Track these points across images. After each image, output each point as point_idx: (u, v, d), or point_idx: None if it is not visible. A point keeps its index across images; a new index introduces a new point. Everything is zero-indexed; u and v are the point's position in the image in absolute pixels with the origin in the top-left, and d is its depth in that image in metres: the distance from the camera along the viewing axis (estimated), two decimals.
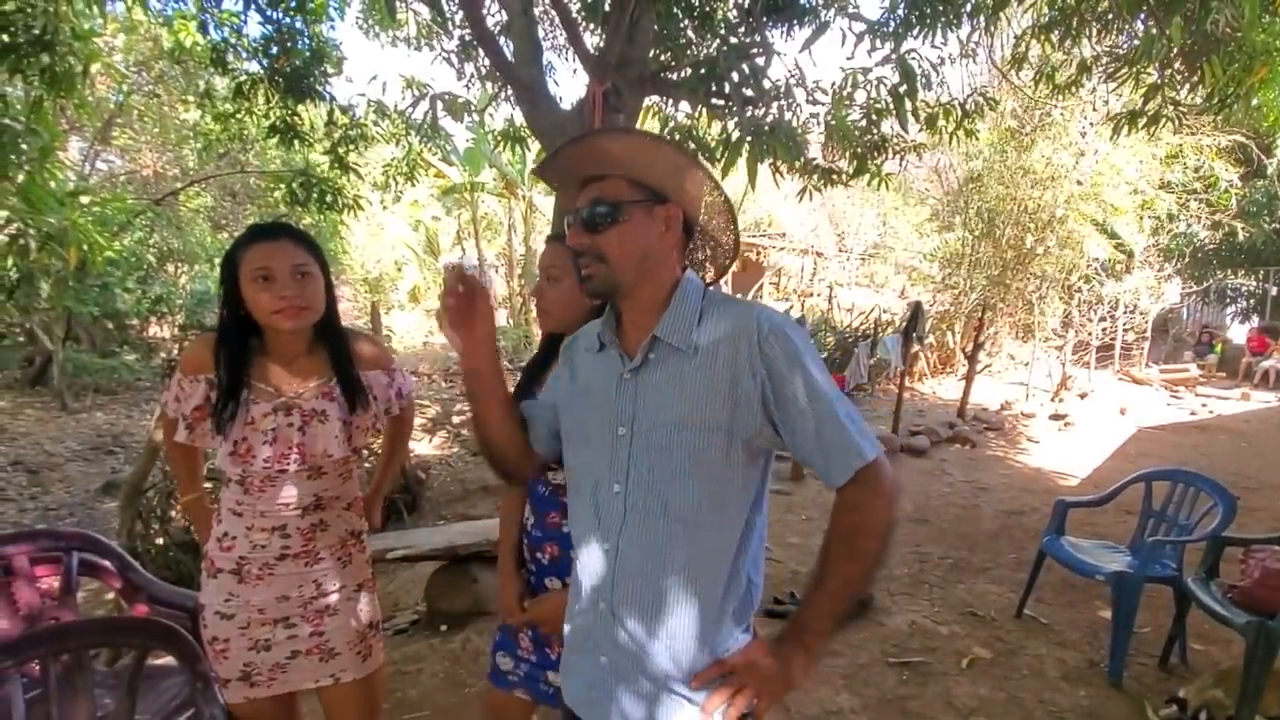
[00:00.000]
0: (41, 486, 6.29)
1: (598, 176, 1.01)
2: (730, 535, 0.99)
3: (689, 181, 1.00)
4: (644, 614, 0.99)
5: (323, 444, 1.37)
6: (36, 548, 1.82)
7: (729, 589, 0.99)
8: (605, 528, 1.01)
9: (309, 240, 1.36)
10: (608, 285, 1.01)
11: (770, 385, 0.94)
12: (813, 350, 0.97)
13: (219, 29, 5.78)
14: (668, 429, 0.97)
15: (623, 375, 1.02)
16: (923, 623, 3.01)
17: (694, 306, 1.01)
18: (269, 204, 10.31)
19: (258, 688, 1.39)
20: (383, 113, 6.62)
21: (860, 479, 0.93)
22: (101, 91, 9.39)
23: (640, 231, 0.99)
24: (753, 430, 0.96)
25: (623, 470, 0.99)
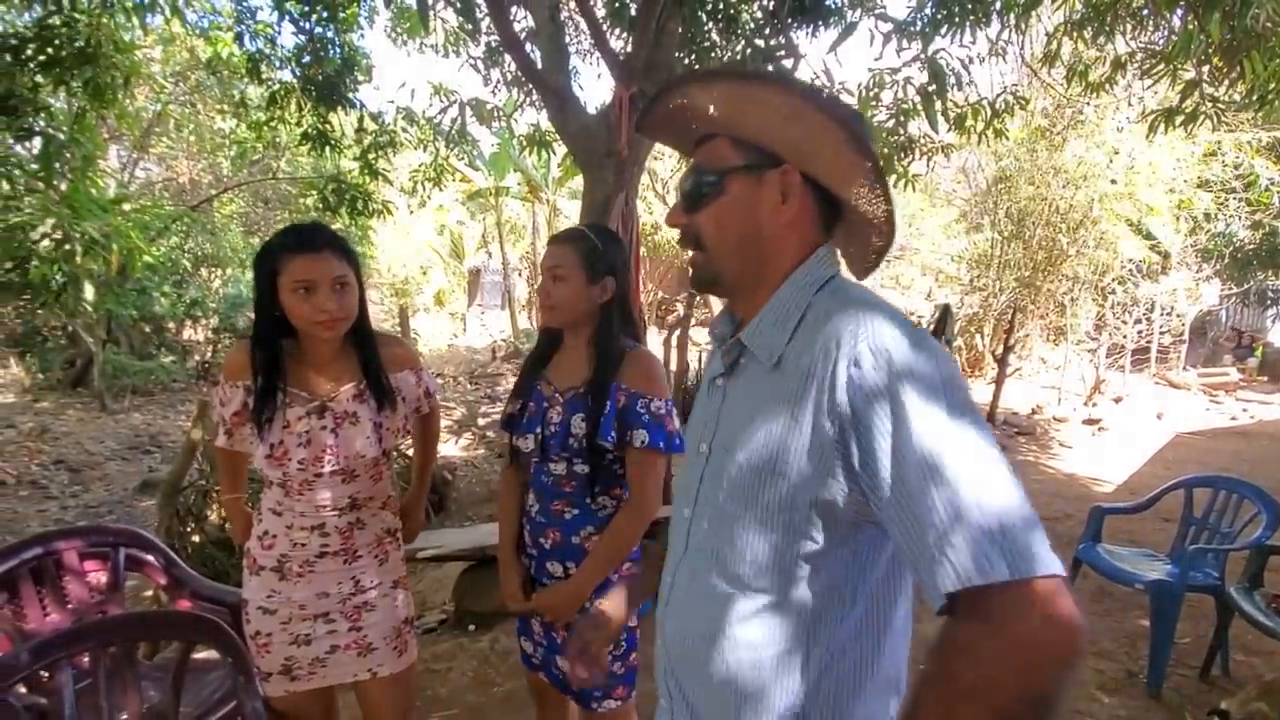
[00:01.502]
0: (83, 485, 6.48)
1: (705, 136, 0.81)
2: (792, 623, 0.72)
3: (813, 135, 0.74)
4: (689, 678, 0.81)
5: (356, 445, 1.40)
6: (86, 543, 1.88)
7: (790, 695, 0.73)
8: (672, 557, 0.86)
9: (347, 249, 1.38)
10: (708, 275, 0.82)
11: (856, 434, 0.65)
12: (945, 386, 0.64)
13: (254, 39, 5.94)
14: (734, 462, 0.75)
15: (715, 381, 0.85)
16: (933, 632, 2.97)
17: (797, 303, 0.76)
18: (300, 209, 10.52)
19: (298, 681, 1.42)
20: (411, 119, 6.72)
21: (972, 606, 0.58)
22: (140, 102, 9.67)
23: (743, 206, 0.77)
24: (831, 492, 0.68)
25: (693, 496, 0.82)
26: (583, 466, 1.38)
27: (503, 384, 11.30)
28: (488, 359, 13.37)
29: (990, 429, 0.68)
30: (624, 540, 1.37)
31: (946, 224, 12.33)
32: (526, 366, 1.52)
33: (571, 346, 1.45)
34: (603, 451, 1.36)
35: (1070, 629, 0.56)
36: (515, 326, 15.67)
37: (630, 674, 1.43)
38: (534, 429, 1.42)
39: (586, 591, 1.36)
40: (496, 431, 7.70)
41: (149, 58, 9.21)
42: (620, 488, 1.43)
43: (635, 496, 1.38)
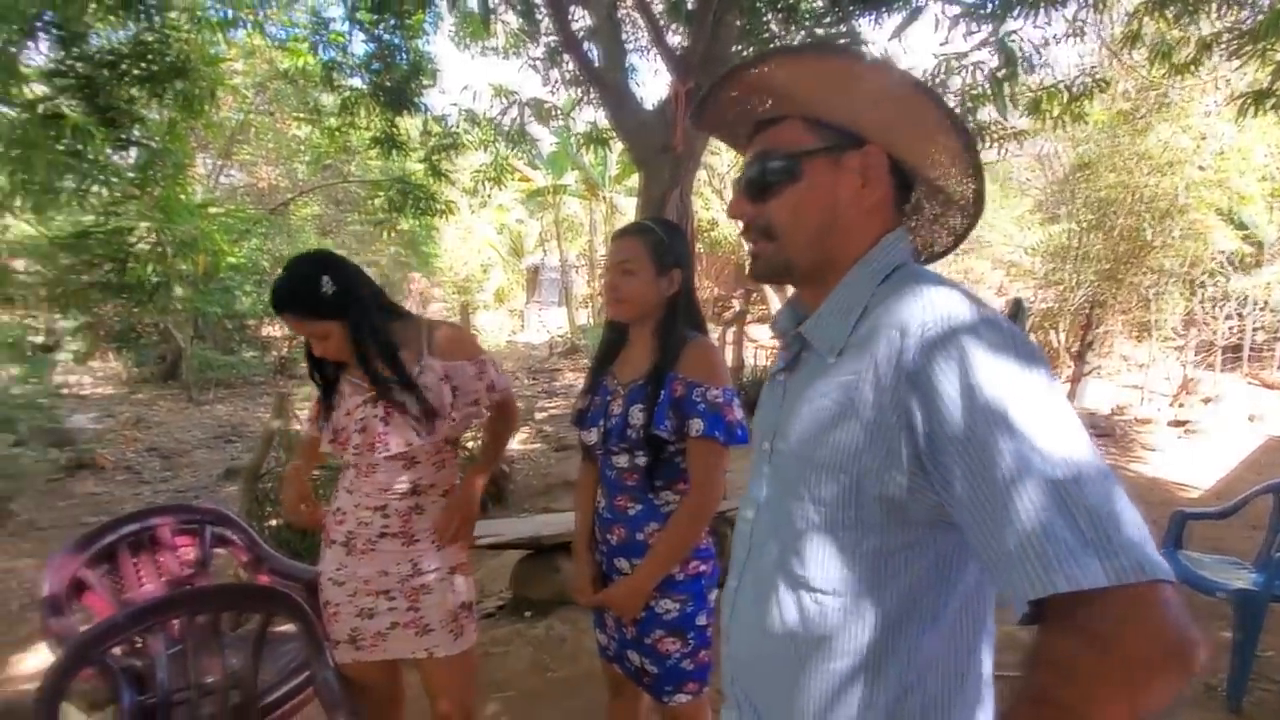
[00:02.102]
0: (172, 470, 6.96)
1: (770, 120, 0.76)
2: (869, 633, 0.66)
3: (901, 111, 0.70)
4: (754, 686, 0.78)
5: (403, 434, 1.45)
6: (177, 520, 2.03)
7: (880, 693, 0.67)
8: (736, 561, 0.81)
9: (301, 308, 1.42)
10: (777, 268, 0.76)
11: (925, 424, 0.59)
12: (1024, 375, 0.57)
13: (327, 49, 6.22)
14: (796, 459, 0.71)
15: (777, 375, 0.81)
16: (1018, 633, 2.86)
17: (862, 292, 0.71)
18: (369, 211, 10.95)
19: (362, 651, 1.50)
20: (473, 120, 6.90)
21: (1068, 615, 0.52)
22: (225, 112, 10.27)
23: (822, 191, 0.72)
24: (897, 485, 0.62)
25: (759, 492, 0.79)
26: (642, 458, 1.38)
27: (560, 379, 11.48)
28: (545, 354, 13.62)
29: (1079, 420, 0.59)
30: (684, 534, 1.35)
31: (1020, 215, 11.78)
32: (595, 362, 1.54)
33: (637, 339, 1.46)
34: (661, 442, 1.35)
35: (1182, 644, 0.49)
36: (572, 322, 15.88)
37: (702, 670, 1.42)
38: (597, 422, 1.44)
39: (648, 587, 1.36)
40: (554, 426, 7.84)
41: (232, 70, 9.76)
42: (683, 482, 1.40)
43: (694, 488, 1.36)
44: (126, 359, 10.51)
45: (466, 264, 16.44)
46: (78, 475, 6.60)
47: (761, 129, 0.77)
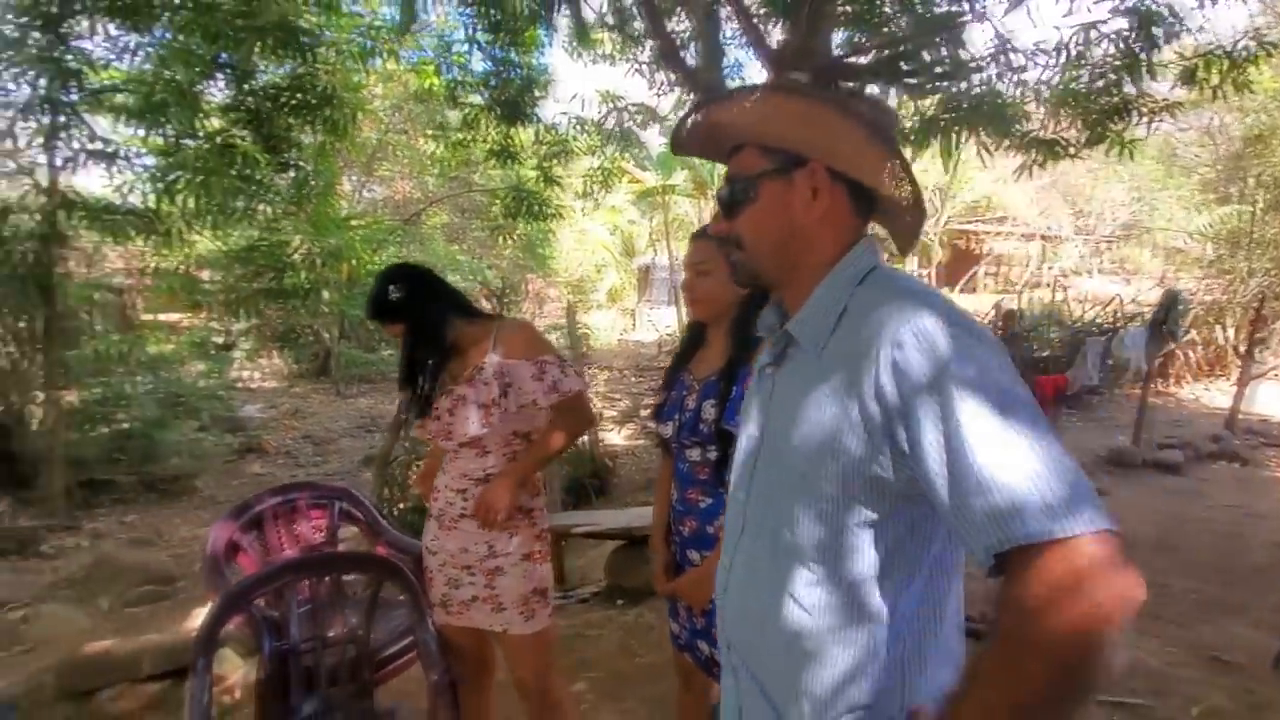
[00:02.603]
0: (323, 456, 7.79)
1: (736, 148, 0.86)
2: (860, 592, 0.74)
3: (830, 131, 0.80)
4: (751, 651, 0.85)
5: (463, 425, 1.60)
6: (312, 495, 2.33)
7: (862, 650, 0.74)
8: (729, 538, 0.90)
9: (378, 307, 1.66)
10: (750, 274, 0.87)
11: (902, 414, 0.68)
12: (989, 365, 0.67)
13: (450, 69, 6.71)
14: (786, 445, 0.79)
15: (764, 370, 0.89)
16: (1150, 662, 2.60)
17: (840, 294, 0.79)
18: (490, 217, 11.64)
19: (451, 616, 1.67)
20: (582, 126, 7.16)
21: (1025, 566, 0.59)
22: (366, 133, 11.30)
23: (778, 206, 0.81)
24: (878, 469, 0.71)
25: (748, 478, 0.86)
26: (713, 452, 1.42)
27: None
28: (654, 353, 13.81)
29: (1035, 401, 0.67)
30: None
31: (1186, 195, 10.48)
32: (674, 359, 1.62)
33: (713, 338, 1.51)
34: (732, 437, 1.36)
35: (1125, 587, 0.57)
36: (680, 321, 15.99)
37: None
38: (672, 416, 1.50)
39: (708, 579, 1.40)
40: None
41: (372, 94, 10.73)
42: None
43: None
44: (287, 357, 11.87)
45: (581, 265, 17.01)
46: (247, 457, 7.56)
47: (731, 154, 0.87)
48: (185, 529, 5.33)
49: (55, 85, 4.69)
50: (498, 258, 13.73)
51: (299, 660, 1.75)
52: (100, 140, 5.26)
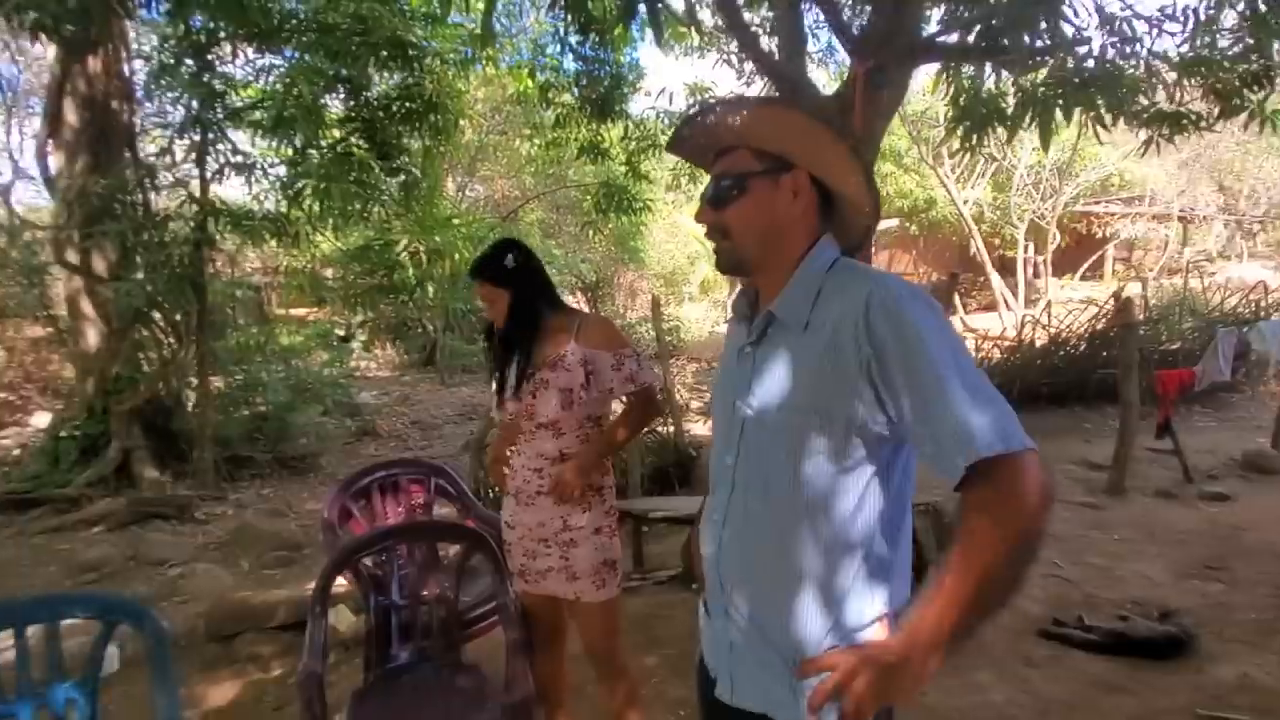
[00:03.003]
0: (428, 441, 8.35)
1: (726, 150, 0.98)
2: (844, 518, 0.91)
3: (817, 144, 0.95)
4: (747, 590, 0.98)
5: (544, 407, 1.72)
6: (413, 471, 2.58)
7: (846, 569, 0.92)
8: (718, 499, 1.02)
9: (487, 269, 1.77)
10: (733, 260, 1.00)
11: (877, 365, 0.85)
12: (939, 325, 0.86)
13: (543, 71, 6.97)
14: (775, 409, 0.93)
15: (743, 349, 1.01)
16: (1260, 678, 2.40)
17: (815, 280, 0.94)
18: (582, 213, 11.97)
19: (528, 585, 1.81)
20: (670, 120, 7.22)
21: (983, 475, 0.79)
22: (468, 135, 11.91)
23: (764, 203, 0.96)
24: (859, 414, 0.87)
25: (735, 444, 0.98)
26: None
27: None
28: None
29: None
30: None
31: None
32: None
33: None
34: None
35: (1046, 484, 0.80)
36: None
37: None
38: None
39: None
40: None
41: (473, 99, 11.29)
42: None
43: None
44: (398, 348, 12.76)
45: (673, 257, 17.10)
46: (363, 440, 8.23)
47: (719, 156, 0.99)
48: (311, 502, 5.90)
49: (204, 106, 5.30)
50: (591, 251, 14.07)
51: (399, 615, 1.97)
52: (240, 154, 5.88)
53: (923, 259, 19.12)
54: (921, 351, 0.83)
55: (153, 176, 5.85)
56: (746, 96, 1.14)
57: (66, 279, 6.09)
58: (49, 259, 6.36)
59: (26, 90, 10.20)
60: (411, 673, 1.87)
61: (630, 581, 3.36)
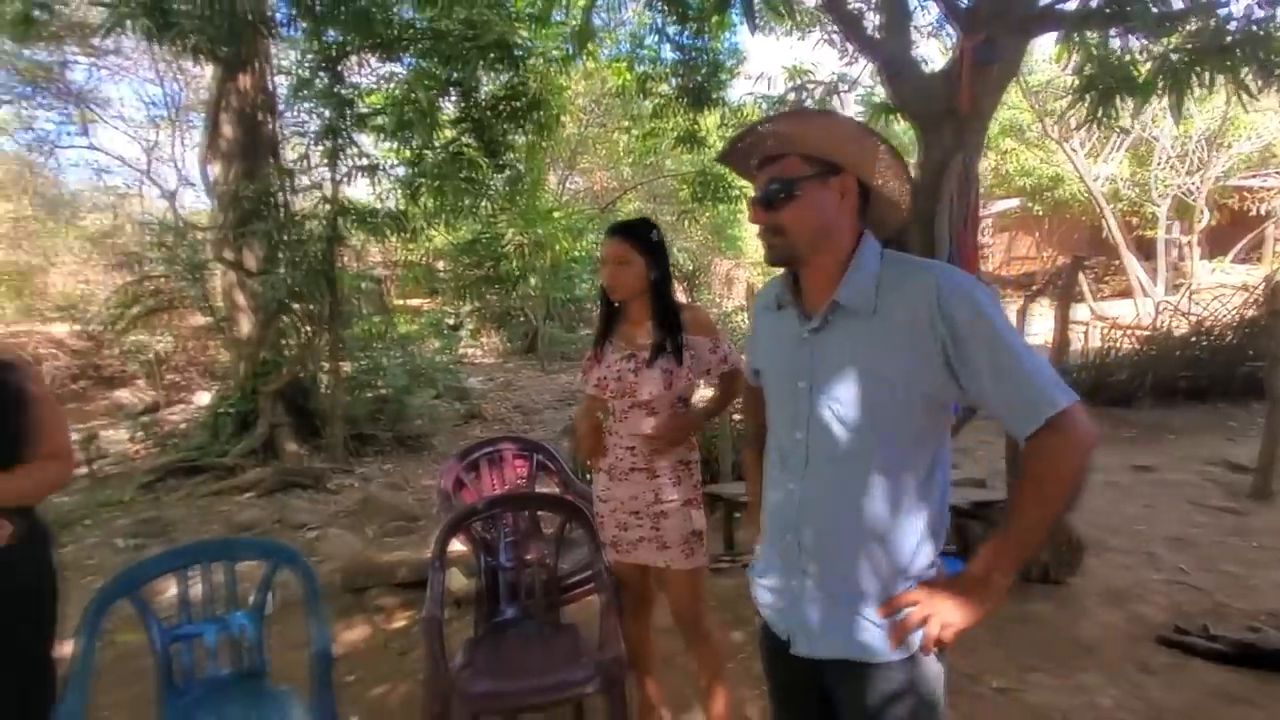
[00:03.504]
0: (529, 425, 8.75)
1: (775, 157, 1.08)
2: (909, 478, 1.05)
3: (862, 149, 1.06)
4: (827, 548, 1.09)
5: (647, 387, 1.82)
6: (516, 447, 2.79)
7: (911, 522, 1.06)
8: (790, 470, 1.12)
9: (634, 233, 1.83)
10: (786, 255, 1.10)
11: (952, 342, 0.98)
12: (996, 307, 1.01)
13: (641, 63, 7.07)
14: (846, 384, 1.05)
15: (803, 335, 1.10)
16: None
17: (872, 270, 1.06)
18: (679, 202, 12.04)
19: (620, 554, 1.93)
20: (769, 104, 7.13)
21: (1051, 426, 0.95)
22: (569, 130, 12.26)
23: (815, 204, 1.06)
24: (934, 384, 1.01)
25: (804, 420, 1.09)
26: None
27: None
28: None
29: None
30: None
31: None
32: None
33: None
34: None
35: (1092, 431, 0.97)
36: None
37: None
38: None
39: None
40: None
41: (575, 93, 11.60)
42: None
43: None
44: (502, 336, 13.40)
45: None
46: (470, 422, 8.75)
47: (768, 163, 1.09)
48: (426, 478, 6.39)
49: (336, 115, 5.82)
50: (688, 240, 14.13)
51: (505, 576, 2.16)
52: (366, 156, 6.40)
53: (1047, 241, 17.73)
54: (992, 330, 0.97)
55: (293, 180, 6.48)
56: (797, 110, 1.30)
57: (223, 274, 6.88)
58: (209, 256, 7.19)
59: (186, 106, 11.50)
60: (516, 627, 2.06)
61: (720, 563, 3.44)
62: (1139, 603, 2.88)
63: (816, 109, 2.09)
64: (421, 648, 2.72)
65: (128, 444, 7.00)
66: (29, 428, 1.48)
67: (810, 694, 1.16)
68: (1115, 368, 6.82)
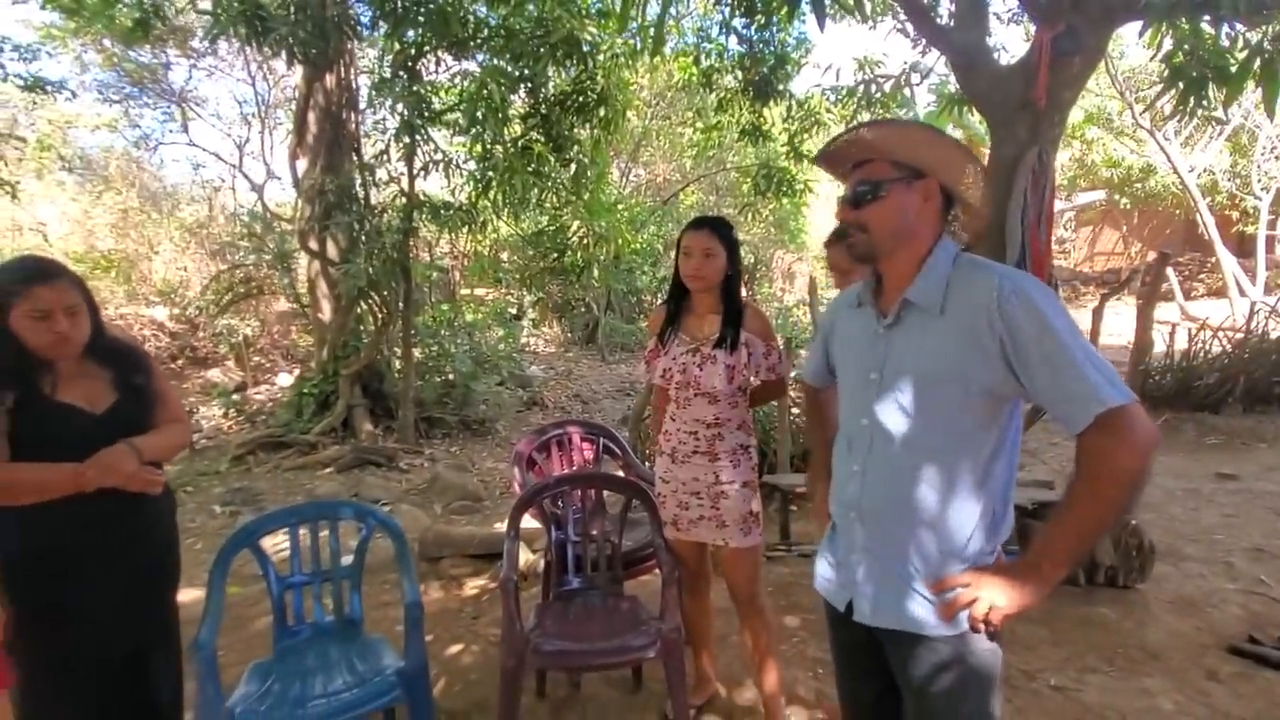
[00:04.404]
0: (589, 413, 8.95)
1: (865, 161, 1.18)
2: (965, 466, 1.11)
3: (947, 157, 1.15)
4: (885, 526, 1.18)
5: (711, 379, 1.92)
6: (584, 430, 2.93)
7: (967, 507, 1.12)
8: (855, 453, 1.22)
9: (720, 228, 1.92)
10: (868, 251, 1.20)
11: (1010, 340, 1.04)
12: (1056, 307, 1.06)
13: (707, 57, 7.10)
14: (912, 377, 1.14)
15: (877, 330, 1.20)
16: None
17: (944, 271, 1.14)
18: (741, 195, 11.99)
19: (680, 532, 2.04)
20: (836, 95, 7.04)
21: (1102, 424, 0.98)
22: (634, 123, 12.36)
23: (898, 206, 1.15)
24: (994, 380, 1.07)
25: (870, 407, 1.18)
26: None
27: None
28: None
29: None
30: None
31: None
32: None
33: None
34: None
35: (1151, 431, 0.99)
36: None
37: None
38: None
39: None
40: None
41: (639, 85, 11.69)
42: None
43: None
44: (564, 326, 13.67)
45: None
46: (532, 409, 9.03)
47: (858, 167, 1.19)
48: (489, 461, 6.67)
49: (412, 112, 6.10)
50: (750, 234, 14.05)
51: (572, 549, 2.30)
52: (440, 152, 6.68)
53: (1135, 235, 16.77)
54: (1048, 329, 1.02)
55: (372, 175, 6.84)
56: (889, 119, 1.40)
57: (308, 263, 7.32)
58: (295, 246, 7.66)
59: (274, 104, 12.20)
60: (582, 596, 2.20)
61: (776, 551, 3.51)
62: (1211, 611, 2.79)
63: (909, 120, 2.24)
64: (490, 614, 2.92)
65: (221, 419, 7.55)
66: (158, 395, 1.69)
67: (870, 656, 1.25)
68: (1203, 371, 6.47)
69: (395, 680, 1.66)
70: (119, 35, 7.66)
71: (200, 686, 1.54)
